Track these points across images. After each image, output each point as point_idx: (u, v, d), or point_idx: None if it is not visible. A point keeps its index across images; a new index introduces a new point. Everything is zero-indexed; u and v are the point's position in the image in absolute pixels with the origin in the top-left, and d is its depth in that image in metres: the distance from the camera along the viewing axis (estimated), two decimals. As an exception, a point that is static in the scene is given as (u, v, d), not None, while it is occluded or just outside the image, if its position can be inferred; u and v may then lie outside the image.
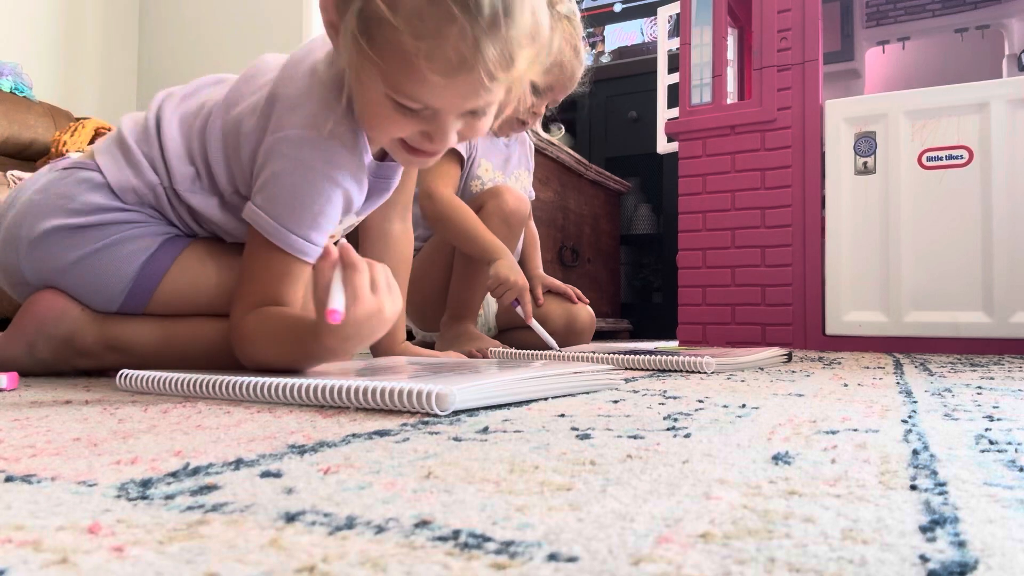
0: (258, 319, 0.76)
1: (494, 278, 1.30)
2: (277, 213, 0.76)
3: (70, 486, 0.31)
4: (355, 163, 0.79)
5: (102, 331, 0.86)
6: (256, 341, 0.76)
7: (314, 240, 0.77)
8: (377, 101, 0.71)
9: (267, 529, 0.25)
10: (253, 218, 0.77)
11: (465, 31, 0.63)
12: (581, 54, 1.42)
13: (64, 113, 2.68)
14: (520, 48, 0.67)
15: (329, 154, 0.76)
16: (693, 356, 1.03)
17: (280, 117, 0.77)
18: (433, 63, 0.65)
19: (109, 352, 0.86)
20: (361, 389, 0.56)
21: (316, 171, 0.76)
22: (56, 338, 0.85)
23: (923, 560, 0.23)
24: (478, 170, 1.48)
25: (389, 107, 0.71)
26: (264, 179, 0.77)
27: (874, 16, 2.66)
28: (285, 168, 0.76)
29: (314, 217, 0.77)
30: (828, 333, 1.82)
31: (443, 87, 0.68)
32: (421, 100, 0.69)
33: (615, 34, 3.55)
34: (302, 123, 0.76)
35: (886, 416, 0.56)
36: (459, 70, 0.66)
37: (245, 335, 0.77)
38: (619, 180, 2.89)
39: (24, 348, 0.86)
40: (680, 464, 0.37)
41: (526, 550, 0.23)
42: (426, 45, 0.64)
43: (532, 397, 0.65)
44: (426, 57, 0.65)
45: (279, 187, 0.76)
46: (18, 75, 2.59)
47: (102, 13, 3.26)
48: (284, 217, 0.76)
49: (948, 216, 1.72)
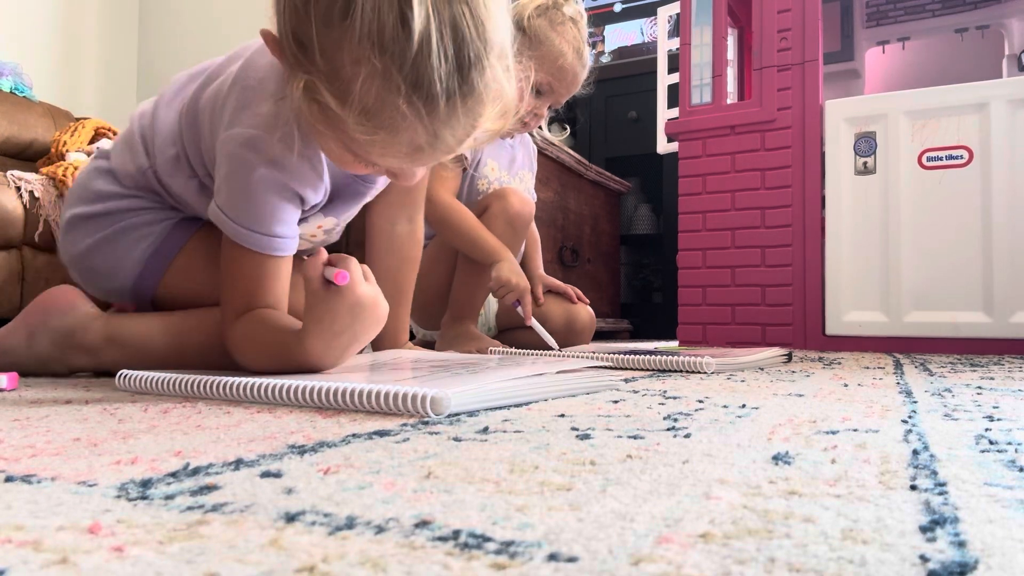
0: (245, 327, 0.75)
1: (496, 280, 1.30)
2: (236, 215, 0.74)
3: (70, 486, 0.31)
4: (303, 168, 0.76)
5: (107, 327, 0.86)
6: (246, 351, 0.75)
7: (279, 232, 0.75)
8: (335, 149, 0.67)
9: (267, 529, 0.25)
10: (217, 219, 0.76)
11: (419, 126, 0.60)
12: (585, 56, 1.42)
13: (64, 113, 2.68)
14: (480, 115, 0.63)
15: (274, 157, 0.73)
16: (693, 356, 1.03)
17: (234, 111, 0.75)
18: (388, 152, 0.63)
19: (109, 346, 0.85)
20: (357, 392, 0.56)
21: (260, 174, 0.73)
22: (58, 331, 0.86)
23: (923, 560, 0.23)
24: (484, 169, 1.49)
25: (350, 158, 0.67)
26: (219, 180, 0.76)
27: (874, 16, 2.66)
28: (233, 169, 0.74)
29: (271, 213, 0.74)
30: (828, 333, 1.82)
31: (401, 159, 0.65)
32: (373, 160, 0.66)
33: (615, 34, 3.55)
34: (251, 123, 0.73)
35: (886, 416, 0.56)
36: (417, 154, 0.63)
37: (235, 344, 0.76)
38: (619, 180, 2.89)
39: (23, 339, 0.86)
40: (680, 464, 0.37)
41: (526, 550, 0.23)
42: (380, 139, 0.61)
43: (530, 399, 0.64)
44: (380, 148, 0.62)
45: (231, 189, 0.75)
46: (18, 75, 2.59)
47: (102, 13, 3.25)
48: (243, 217, 0.74)
49: (948, 216, 1.72)
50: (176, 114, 0.85)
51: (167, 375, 0.68)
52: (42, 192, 2.20)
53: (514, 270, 1.31)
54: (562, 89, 1.42)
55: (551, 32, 1.39)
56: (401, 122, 0.59)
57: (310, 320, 0.68)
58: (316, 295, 0.67)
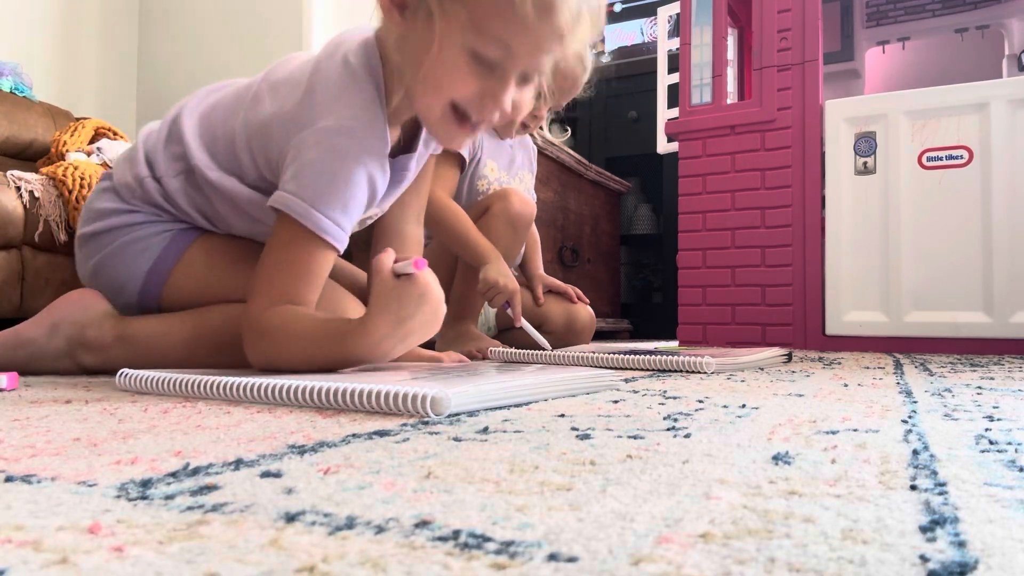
0: (286, 315, 0.75)
1: (483, 282, 1.30)
2: (309, 196, 0.76)
3: (70, 486, 0.31)
4: (381, 149, 0.81)
5: (118, 326, 0.89)
6: (279, 339, 0.75)
7: (342, 224, 0.77)
8: (451, 58, 0.72)
9: (267, 529, 0.25)
10: (284, 202, 0.77)
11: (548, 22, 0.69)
12: (586, 61, 1.42)
13: (64, 113, 2.68)
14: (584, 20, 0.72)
15: (361, 141, 0.78)
16: (693, 356, 1.03)
17: (316, 109, 0.78)
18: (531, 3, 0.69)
19: (119, 344, 0.87)
20: (357, 392, 0.56)
21: (349, 157, 0.77)
22: (76, 324, 0.88)
23: (923, 560, 0.23)
24: (484, 169, 1.49)
25: (463, 62, 0.72)
26: (297, 167, 0.77)
27: (874, 16, 2.66)
28: (320, 156, 0.77)
29: (345, 202, 0.77)
30: (828, 333, 1.82)
31: (527, 28, 0.71)
32: (505, 39, 0.71)
33: (615, 34, 3.55)
34: (339, 113, 0.78)
35: (886, 416, 0.56)
36: (546, 11, 0.70)
37: (266, 330, 0.75)
38: (619, 180, 2.89)
39: (45, 331, 0.88)
40: (680, 464, 0.37)
41: (526, 550, 0.23)
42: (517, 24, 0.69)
43: (530, 399, 0.65)
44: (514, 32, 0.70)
45: (313, 173, 0.77)
46: (18, 75, 2.59)
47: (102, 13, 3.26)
48: (316, 200, 0.76)
49: (948, 216, 1.72)
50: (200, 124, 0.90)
51: (167, 375, 0.68)
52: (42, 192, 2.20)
53: (502, 272, 1.31)
54: (561, 92, 1.42)
55: None
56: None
57: (376, 305, 0.70)
58: (385, 284, 0.70)
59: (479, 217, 1.40)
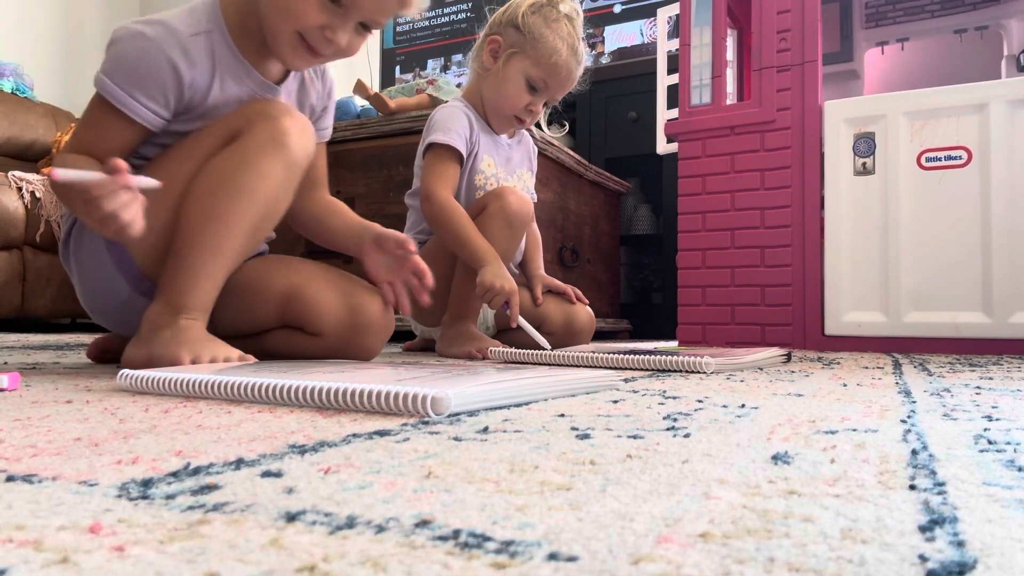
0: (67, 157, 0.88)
1: (480, 285, 1.30)
2: (107, 70, 0.87)
3: (71, 486, 0.31)
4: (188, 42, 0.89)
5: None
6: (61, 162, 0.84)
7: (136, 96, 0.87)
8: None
9: (268, 529, 0.25)
10: (95, 79, 0.89)
11: None
12: (580, 54, 1.42)
13: (65, 114, 2.68)
14: None
15: (159, 26, 0.88)
16: (692, 356, 1.03)
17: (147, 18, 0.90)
18: None
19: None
20: (357, 392, 0.56)
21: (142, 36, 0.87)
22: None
23: (922, 560, 0.23)
24: (481, 164, 1.48)
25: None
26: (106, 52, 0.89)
27: (873, 17, 2.66)
28: (117, 37, 0.88)
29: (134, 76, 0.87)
30: (827, 333, 1.82)
31: None
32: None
33: (615, 35, 3.55)
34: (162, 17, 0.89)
35: (885, 416, 0.56)
36: None
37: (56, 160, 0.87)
38: (619, 180, 2.89)
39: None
40: (680, 464, 0.37)
41: (526, 550, 0.23)
42: None
43: (530, 399, 0.65)
44: None
45: (112, 53, 0.88)
46: (19, 76, 2.59)
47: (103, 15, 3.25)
48: (111, 72, 0.87)
49: (947, 216, 1.72)
50: None
51: (168, 375, 0.68)
52: (43, 193, 2.20)
53: (498, 274, 1.31)
54: (557, 85, 1.42)
55: (545, 29, 1.39)
56: None
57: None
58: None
59: (476, 216, 1.40)
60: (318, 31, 0.88)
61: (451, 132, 1.42)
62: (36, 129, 2.62)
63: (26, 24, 2.96)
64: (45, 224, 2.29)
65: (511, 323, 1.33)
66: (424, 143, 1.46)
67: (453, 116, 1.45)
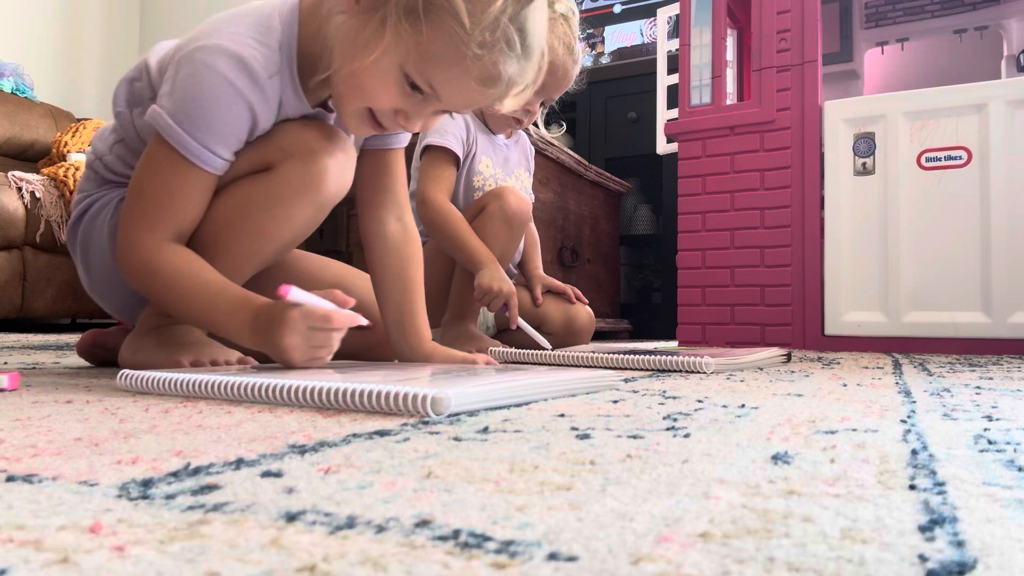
0: (183, 262, 0.75)
1: (478, 288, 1.30)
2: (175, 112, 0.75)
3: (71, 486, 0.31)
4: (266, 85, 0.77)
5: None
6: (172, 285, 0.75)
7: (212, 147, 0.76)
8: (383, 69, 0.71)
9: (268, 529, 0.25)
10: (153, 116, 0.75)
11: (515, 59, 0.71)
12: (576, 53, 1.42)
13: (65, 114, 2.68)
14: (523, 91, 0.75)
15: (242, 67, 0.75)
16: (692, 356, 1.03)
17: (202, 32, 0.77)
18: (478, 71, 0.70)
19: None
20: (357, 392, 0.56)
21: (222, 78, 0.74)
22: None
23: (922, 560, 0.23)
24: (479, 165, 1.49)
25: (393, 79, 0.72)
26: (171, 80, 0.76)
27: (873, 17, 2.66)
28: (193, 71, 0.74)
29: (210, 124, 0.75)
30: (827, 333, 1.82)
31: (465, 89, 0.71)
32: (442, 82, 0.72)
33: (615, 35, 3.55)
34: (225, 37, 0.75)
35: (885, 416, 0.56)
36: (492, 84, 0.71)
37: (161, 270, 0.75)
38: (619, 180, 2.89)
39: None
40: (680, 464, 0.37)
41: (526, 549, 0.23)
42: (484, 55, 0.69)
43: (530, 399, 0.65)
44: (474, 62, 0.69)
45: (183, 89, 0.75)
46: (19, 76, 2.59)
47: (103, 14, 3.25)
48: (182, 118, 0.74)
49: (947, 216, 1.72)
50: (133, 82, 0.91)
51: (168, 375, 0.68)
52: (43, 193, 2.20)
53: (496, 276, 1.31)
54: (553, 85, 1.42)
55: None
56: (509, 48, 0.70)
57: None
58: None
59: (475, 216, 1.40)
60: (391, 113, 0.76)
61: (447, 135, 1.42)
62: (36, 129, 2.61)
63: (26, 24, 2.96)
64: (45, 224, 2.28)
65: (511, 325, 1.33)
66: (420, 145, 1.46)
67: (450, 118, 1.45)
